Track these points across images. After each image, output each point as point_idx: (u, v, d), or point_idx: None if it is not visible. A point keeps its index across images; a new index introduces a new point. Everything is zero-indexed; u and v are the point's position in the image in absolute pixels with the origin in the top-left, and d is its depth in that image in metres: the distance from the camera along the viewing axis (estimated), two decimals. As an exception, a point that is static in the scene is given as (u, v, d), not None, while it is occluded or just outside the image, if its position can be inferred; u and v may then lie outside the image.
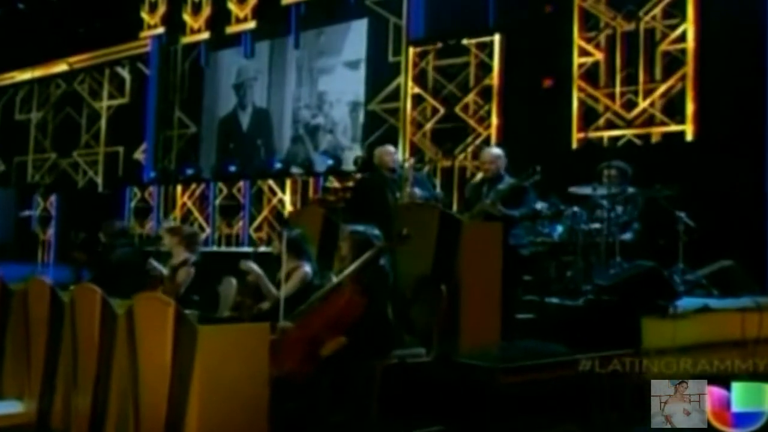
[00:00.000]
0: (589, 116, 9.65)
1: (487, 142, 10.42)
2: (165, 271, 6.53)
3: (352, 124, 12.66)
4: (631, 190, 7.31)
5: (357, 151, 12.14)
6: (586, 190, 7.27)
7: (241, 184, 13.19)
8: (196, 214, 13.63)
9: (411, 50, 11.61)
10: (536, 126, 9.81)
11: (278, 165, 12.77)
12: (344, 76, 12.76)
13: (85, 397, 4.91)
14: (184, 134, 14.37)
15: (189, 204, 13.77)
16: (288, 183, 12.67)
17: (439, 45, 11.18)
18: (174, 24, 14.31)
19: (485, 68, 10.74)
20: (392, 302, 5.07)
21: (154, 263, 6.60)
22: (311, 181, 12.28)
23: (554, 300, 6.56)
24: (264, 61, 13.63)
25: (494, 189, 6.67)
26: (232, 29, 13.68)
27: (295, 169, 12.58)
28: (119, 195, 14.33)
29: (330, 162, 12.07)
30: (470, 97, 10.91)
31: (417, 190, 7.07)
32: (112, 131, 15.18)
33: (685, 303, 6.03)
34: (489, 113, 10.64)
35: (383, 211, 6.69)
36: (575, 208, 7.38)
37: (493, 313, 5.66)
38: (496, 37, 10.68)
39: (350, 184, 10.53)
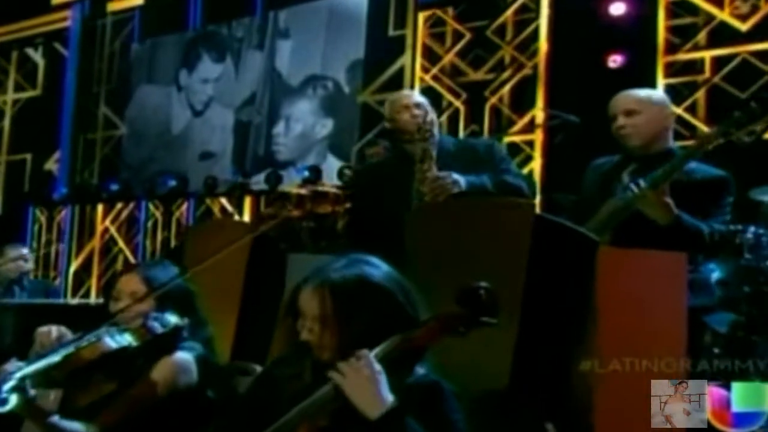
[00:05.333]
0: (682, 31, 6.72)
1: (532, 80, 7.39)
2: None
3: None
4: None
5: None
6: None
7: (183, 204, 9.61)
8: (121, 243, 10.03)
9: (421, 17, 8.24)
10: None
11: (237, 178, 9.18)
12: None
13: None
14: (111, 137, 10.72)
15: (112, 229, 10.15)
16: (248, 201, 9.07)
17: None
18: (99, -13, 10.78)
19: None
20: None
21: None
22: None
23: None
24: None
25: (653, 173, 3.29)
26: (175, -9, 10.06)
27: (256, 184, 8.98)
28: (21, 218, 10.73)
29: (306, 174, 8.39)
30: (507, 15, 7.75)
31: (457, 177, 3.82)
32: (19, 133, 11.49)
33: None
34: (535, 36, 7.45)
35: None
36: (756, 230, 4.14)
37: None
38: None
39: (323, 188, 6.94)
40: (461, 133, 7.71)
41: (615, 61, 6.74)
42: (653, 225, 3.24)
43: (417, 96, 4.57)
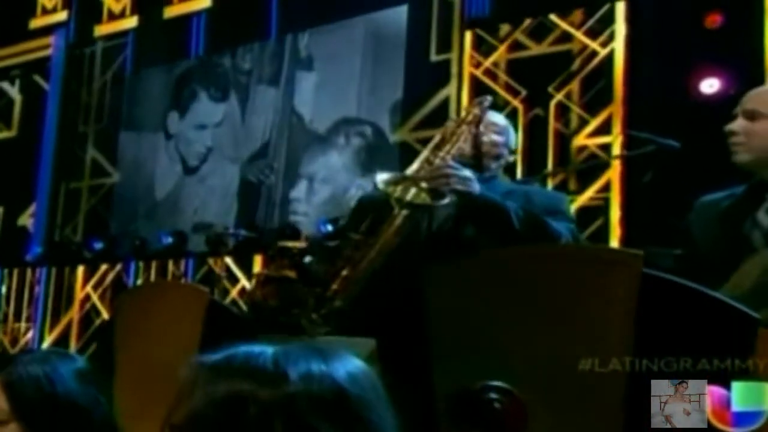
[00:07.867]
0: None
1: (607, 66, 6.08)
2: None
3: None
4: None
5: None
6: None
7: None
8: (105, 314, 8.33)
9: (468, 37, 6.71)
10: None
11: (244, 231, 7.45)
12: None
13: None
14: (100, 186, 9.14)
15: (94, 296, 8.50)
16: (258, 261, 7.32)
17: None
18: (85, 6, 9.36)
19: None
20: None
21: None
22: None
23: None
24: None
25: None
26: (173, 10, 8.51)
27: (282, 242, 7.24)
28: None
29: (330, 227, 6.68)
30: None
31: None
32: (-10, 182, 10.07)
33: None
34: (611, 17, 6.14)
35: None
36: None
37: None
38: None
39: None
40: (520, 127, 6.25)
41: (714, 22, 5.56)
42: None
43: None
